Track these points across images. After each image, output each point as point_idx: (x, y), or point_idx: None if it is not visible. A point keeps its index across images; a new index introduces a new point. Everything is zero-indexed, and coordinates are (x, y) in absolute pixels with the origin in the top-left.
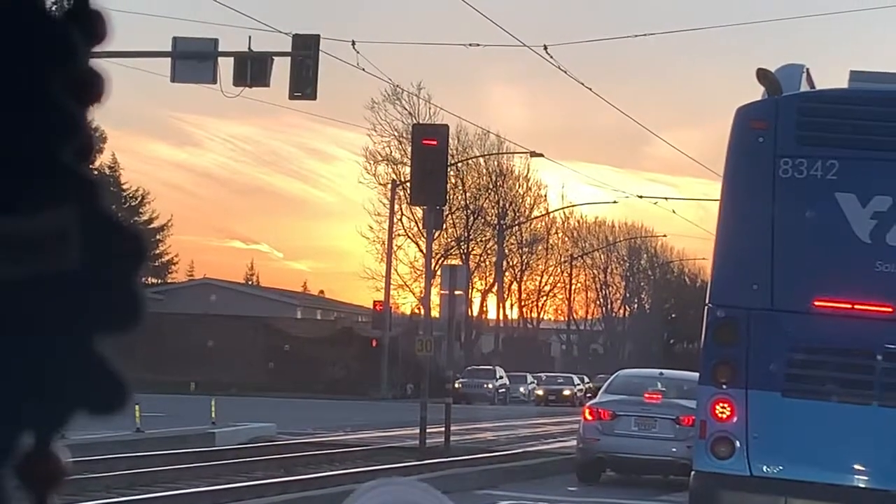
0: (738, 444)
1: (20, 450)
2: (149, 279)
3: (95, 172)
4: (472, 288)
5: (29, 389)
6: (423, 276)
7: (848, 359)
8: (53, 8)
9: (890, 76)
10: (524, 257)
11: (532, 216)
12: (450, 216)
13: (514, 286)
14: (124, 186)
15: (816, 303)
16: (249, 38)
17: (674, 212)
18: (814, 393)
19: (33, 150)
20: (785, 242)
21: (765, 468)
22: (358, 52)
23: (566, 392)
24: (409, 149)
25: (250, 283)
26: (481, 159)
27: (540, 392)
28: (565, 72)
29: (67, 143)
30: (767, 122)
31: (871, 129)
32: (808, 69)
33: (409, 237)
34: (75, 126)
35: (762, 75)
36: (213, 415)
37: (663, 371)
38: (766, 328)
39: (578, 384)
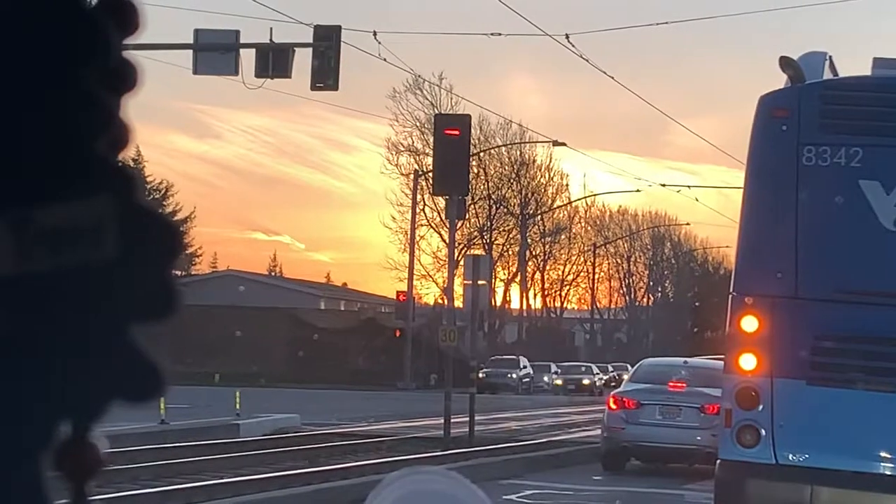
0: (763, 432)
1: (58, 440)
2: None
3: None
4: (496, 277)
5: (66, 379)
6: (447, 265)
7: (873, 346)
8: None
9: None
10: (547, 246)
11: (555, 205)
12: (472, 206)
13: (538, 275)
14: (148, 179)
15: (841, 290)
16: (271, 29)
17: (697, 200)
18: (839, 381)
19: (69, 142)
20: (809, 230)
21: (790, 456)
22: (379, 43)
23: (585, 381)
24: (431, 139)
25: (273, 274)
26: (503, 149)
27: (559, 381)
28: (587, 60)
29: (102, 135)
30: (790, 109)
31: (895, 117)
32: (831, 57)
33: (431, 227)
34: (110, 118)
35: (785, 63)
36: (238, 406)
37: (687, 359)
38: (790, 316)
39: (598, 373)
